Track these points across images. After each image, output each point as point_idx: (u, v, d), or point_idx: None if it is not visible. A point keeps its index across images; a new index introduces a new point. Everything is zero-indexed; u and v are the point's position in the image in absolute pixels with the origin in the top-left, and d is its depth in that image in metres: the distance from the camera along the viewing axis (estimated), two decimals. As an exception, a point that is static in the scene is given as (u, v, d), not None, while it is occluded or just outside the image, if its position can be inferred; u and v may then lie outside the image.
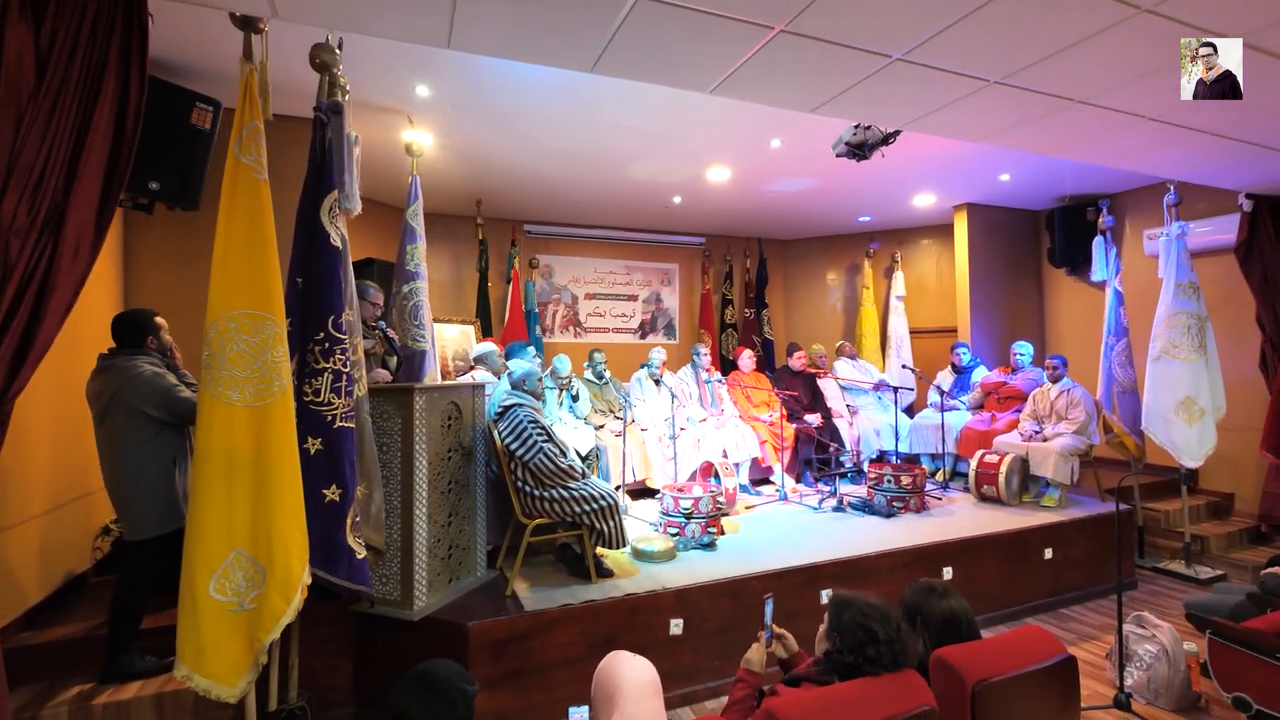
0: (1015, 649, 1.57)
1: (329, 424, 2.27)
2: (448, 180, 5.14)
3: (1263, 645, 2.39)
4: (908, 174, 5.16)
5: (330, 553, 2.25)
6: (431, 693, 1.30)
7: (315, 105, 2.38)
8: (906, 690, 1.39)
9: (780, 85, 2.62)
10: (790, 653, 1.85)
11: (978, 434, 4.95)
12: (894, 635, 1.46)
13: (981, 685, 1.45)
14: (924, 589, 1.75)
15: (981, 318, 6.14)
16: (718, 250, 7.39)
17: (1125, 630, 3.05)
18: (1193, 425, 4.32)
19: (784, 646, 1.85)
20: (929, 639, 1.66)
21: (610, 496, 3.01)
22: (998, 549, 3.83)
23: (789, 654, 1.85)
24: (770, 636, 1.83)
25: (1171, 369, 4.39)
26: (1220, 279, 4.93)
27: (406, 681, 1.33)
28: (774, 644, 1.83)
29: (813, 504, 4.50)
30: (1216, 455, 4.92)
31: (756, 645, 1.82)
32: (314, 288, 2.29)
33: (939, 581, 1.82)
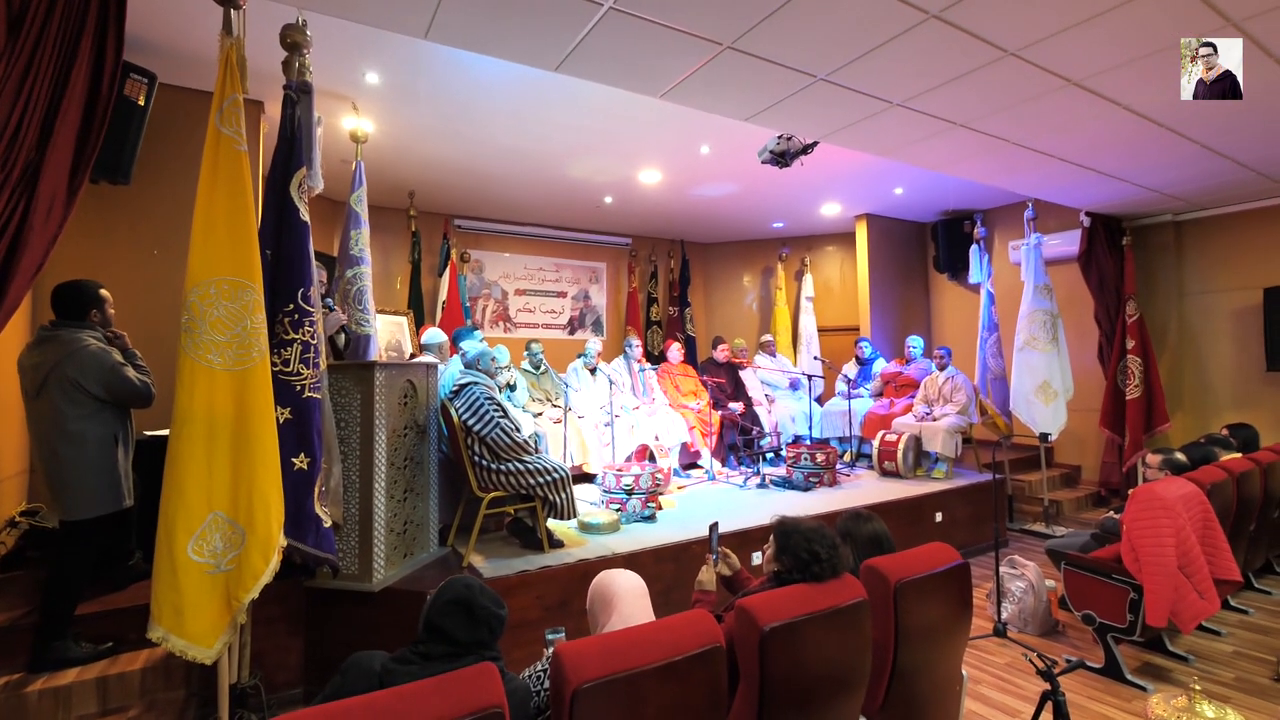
0: (925, 558, 1.93)
1: (298, 393, 2.31)
2: (381, 171, 5.10)
3: (1102, 568, 2.97)
4: (818, 184, 5.71)
5: (299, 520, 2.28)
6: (473, 617, 1.35)
7: (285, 84, 2.42)
8: (845, 589, 1.71)
9: (721, 95, 2.94)
10: (734, 570, 2.16)
11: (879, 417, 5.56)
12: (832, 551, 1.77)
13: (902, 583, 1.80)
14: (853, 515, 2.09)
15: (879, 315, 6.86)
16: (643, 251, 7.71)
17: (1000, 572, 3.62)
18: (1048, 405, 5.12)
19: (728, 565, 2.16)
20: (857, 554, 2.00)
21: (562, 470, 3.20)
22: (898, 514, 4.37)
23: (732, 571, 2.16)
24: (717, 558, 2.12)
25: (1032, 358, 5.17)
26: (1067, 283, 5.84)
27: (446, 604, 1.37)
28: (720, 563, 2.13)
29: (739, 482, 4.88)
30: (1067, 434, 5.82)
31: (706, 567, 2.11)
32: (284, 260, 2.33)
33: (864, 509, 2.16)
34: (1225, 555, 2.93)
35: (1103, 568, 2.96)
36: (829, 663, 1.61)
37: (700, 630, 1.43)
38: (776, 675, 1.52)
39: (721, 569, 2.15)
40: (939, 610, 1.90)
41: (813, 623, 1.59)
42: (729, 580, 2.18)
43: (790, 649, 1.54)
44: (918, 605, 1.83)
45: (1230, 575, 2.91)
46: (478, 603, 1.36)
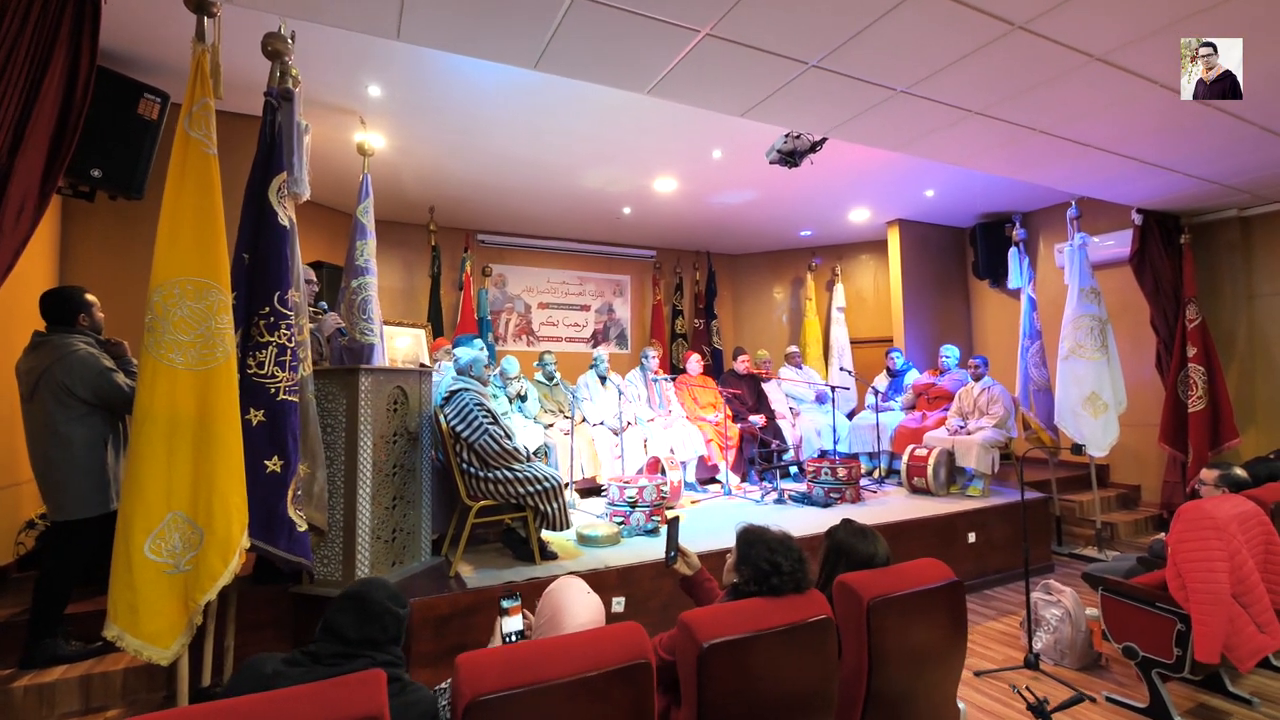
0: (911, 574, 1.74)
1: (272, 396, 2.31)
2: (401, 187, 5.23)
3: (1144, 596, 2.65)
4: (840, 188, 5.51)
5: (271, 523, 2.27)
6: (364, 612, 1.31)
7: (266, 90, 2.47)
8: (806, 604, 1.54)
9: (711, 89, 2.85)
10: (693, 569, 2.00)
11: (910, 431, 5.25)
12: (796, 564, 1.60)
13: (877, 601, 1.61)
14: (858, 531, 1.87)
15: (914, 325, 6.53)
16: (668, 263, 7.63)
17: (1034, 597, 3.30)
18: (1097, 418, 4.70)
19: (687, 564, 2.00)
20: (848, 569, 1.81)
21: (554, 479, 3.10)
22: (925, 533, 4.07)
23: (692, 570, 2.00)
24: (674, 555, 1.97)
25: (1078, 367, 4.78)
26: (1120, 288, 5.40)
27: (339, 599, 1.34)
28: (678, 561, 1.97)
29: (755, 498, 4.67)
30: (1125, 451, 5.36)
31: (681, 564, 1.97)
32: (260, 263, 2.36)
33: (870, 528, 1.93)
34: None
35: (1145, 595, 2.64)
36: (783, 685, 1.44)
37: (627, 644, 1.30)
38: (717, 697, 1.37)
39: (681, 568, 2.00)
40: (925, 633, 1.69)
41: (764, 640, 1.43)
42: (688, 582, 2.02)
43: (735, 668, 1.38)
44: (898, 626, 1.64)
45: (1299, 606, 2.54)
46: (371, 598, 1.28)
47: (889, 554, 1.81)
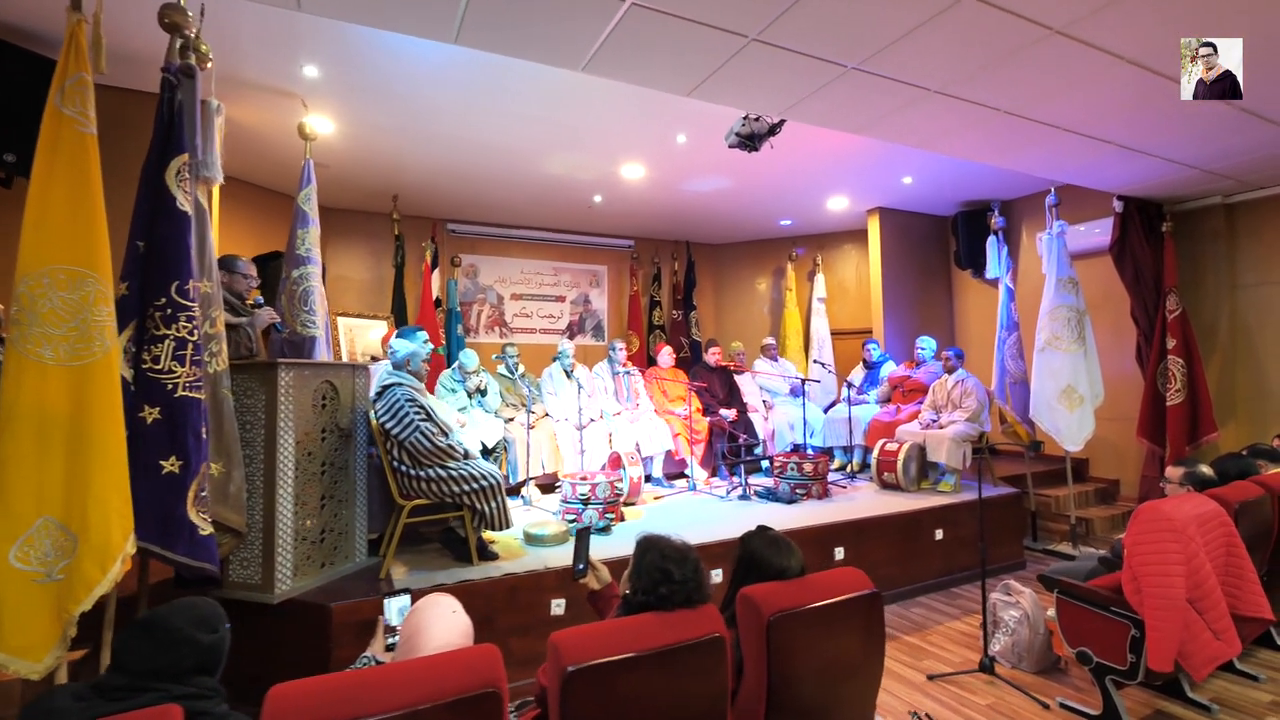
0: (821, 586, 1.61)
1: (169, 392, 2.18)
2: (361, 175, 5.07)
3: (1099, 600, 2.52)
4: (816, 174, 5.34)
5: (168, 527, 2.14)
6: (152, 641, 1.15)
7: (164, 66, 2.31)
8: (696, 621, 1.41)
9: (649, 65, 2.69)
10: (602, 583, 1.88)
11: (883, 425, 5.11)
12: (689, 575, 1.47)
13: (779, 616, 1.49)
14: (771, 541, 1.72)
15: (893, 317, 6.38)
16: (646, 253, 7.47)
17: (992, 598, 3.18)
18: (1073, 412, 4.57)
19: (596, 577, 1.88)
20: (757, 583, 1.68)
21: (491, 477, 2.98)
22: (890, 530, 3.95)
23: (601, 584, 1.88)
24: (583, 568, 1.85)
25: (1054, 359, 4.64)
26: (1101, 278, 5.25)
27: (127, 626, 1.18)
28: (587, 575, 1.86)
29: (721, 494, 4.55)
30: (1104, 444, 5.23)
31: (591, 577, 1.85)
32: (157, 251, 2.21)
33: (784, 538, 1.76)
34: (1252, 587, 2.44)
35: (1099, 599, 2.51)
36: (662, 712, 1.32)
37: (475, 670, 1.17)
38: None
39: (589, 582, 1.88)
40: (836, 647, 1.57)
41: (641, 663, 1.30)
42: (595, 596, 1.90)
43: (602, 695, 1.26)
44: (805, 642, 1.51)
45: (1258, 612, 2.41)
46: (166, 624, 1.15)
47: (804, 565, 1.68)
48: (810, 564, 3.04)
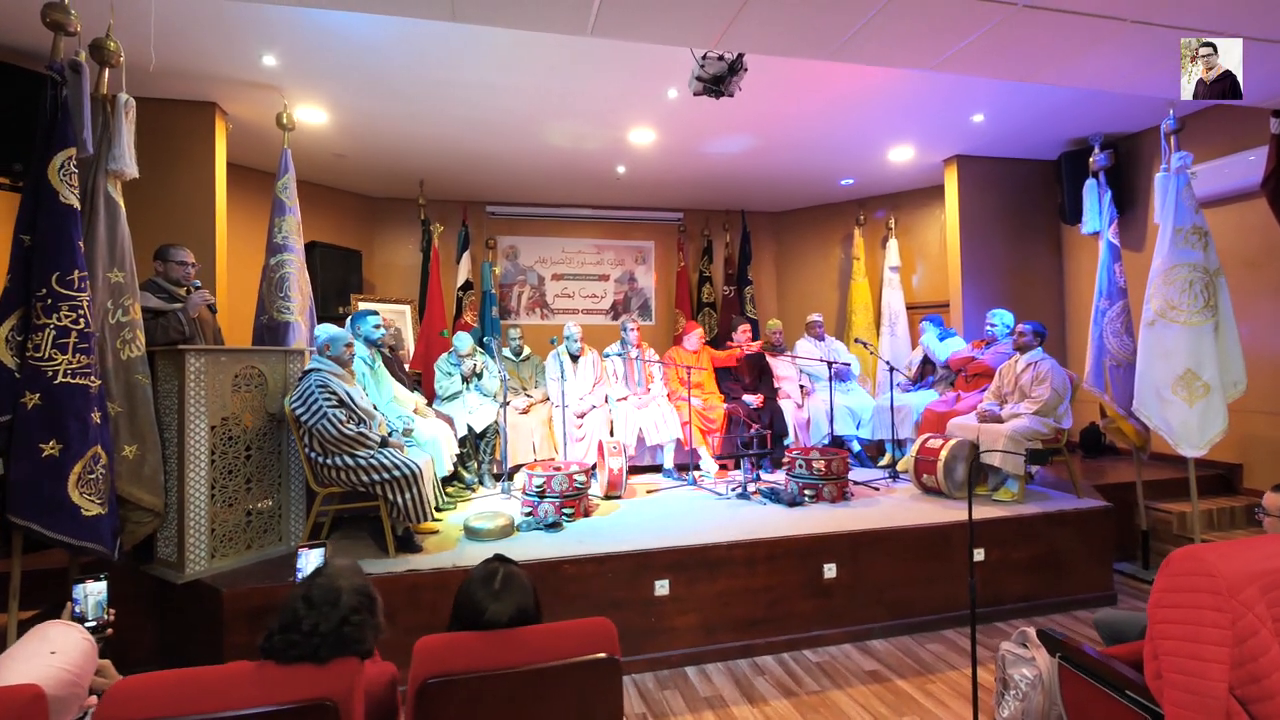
0: (533, 643, 1.21)
1: (49, 379, 2.25)
2: (383, 163, 5.16)
3: (1109, 677, 1.80)
4: (863, 123, 4.53)
5: (48, 507, 2.23)
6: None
7: (48, 64, 2.37)
8: (307, 681, 1.10)
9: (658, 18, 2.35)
10: None
11: (936, 416, 4.27)
12: (322, 617, 1.14)
13: (434, 682, 1.13)
14: (488, 575, 1.32)
15: (976, 287, 5.31)
16: (696, 226, 6.96)
17: (1003, 650, 2.44)
18: (1193, 405, 3.46)
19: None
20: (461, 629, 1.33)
21: (405, 467, 2.83)
22: (905, 545, 3.24)
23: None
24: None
25: (1168, 335, 3.54)
26: (1247, 227, 3.94)
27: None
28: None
29: (721, 490, 4.06)
30: (1265, 447, 3.97)
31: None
32: (39, 245, 2.29)
33: (515, 574, 1.34)
34: (1358, 691, 1.57)
35: (1111, 675, 1.79)
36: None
37: None
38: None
39: None
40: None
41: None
42: None
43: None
44: (478, 716, 1.14)
45: (1365, 730, 1.55)
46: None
47: (519, 612, 1.28)
48: (792, 582, 2.54)
